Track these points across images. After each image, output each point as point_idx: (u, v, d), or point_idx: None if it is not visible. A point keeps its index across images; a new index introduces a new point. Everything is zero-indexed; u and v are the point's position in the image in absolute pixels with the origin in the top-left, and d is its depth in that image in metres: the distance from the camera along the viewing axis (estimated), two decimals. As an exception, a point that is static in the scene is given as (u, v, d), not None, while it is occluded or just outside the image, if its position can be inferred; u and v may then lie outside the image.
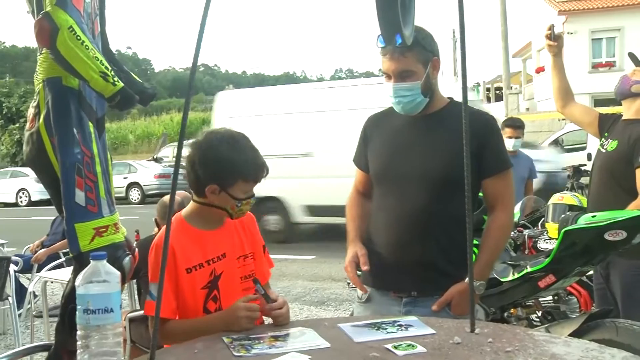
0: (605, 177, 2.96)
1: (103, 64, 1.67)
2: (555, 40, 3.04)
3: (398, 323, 1.70)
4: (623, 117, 3.00)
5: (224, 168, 1.83)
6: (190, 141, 1.94)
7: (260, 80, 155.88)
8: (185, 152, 1.89)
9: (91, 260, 1.30)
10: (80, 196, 1.68)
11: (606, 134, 3.05)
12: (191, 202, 1.96)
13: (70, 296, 1.71)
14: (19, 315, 5.56)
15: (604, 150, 3.00)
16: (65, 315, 1.76)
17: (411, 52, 2.06)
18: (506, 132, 5.11)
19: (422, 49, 2.08)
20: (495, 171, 2.16)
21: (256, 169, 1.88)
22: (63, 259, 5.68)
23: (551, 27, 3.03)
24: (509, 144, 5.06)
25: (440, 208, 2.10)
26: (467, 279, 2.05)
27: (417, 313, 1.97)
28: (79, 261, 1.70)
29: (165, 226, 1.42)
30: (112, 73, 1.69)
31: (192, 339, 1.68)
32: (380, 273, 2.18)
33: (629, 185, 2.81)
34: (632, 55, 3.03)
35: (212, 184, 1.85)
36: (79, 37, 1.63)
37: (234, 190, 1.86)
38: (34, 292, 5.57)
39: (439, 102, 2.21)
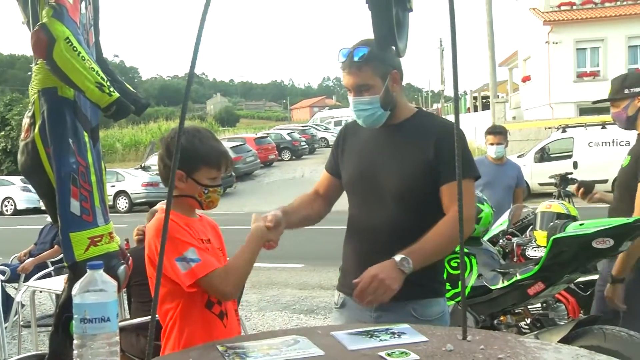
0: (622, 193, 2.96)
1: (99, 75, 1.68)
2: (586, 190, 3.35)
3: (391, 331, 1.71)
4: (637, 132, 3.00)
5: (187, 154, 1.91)
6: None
7: (247, 89, 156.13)
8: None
9: (88, 270, 1.31)
10: (75, 206, 1.68)
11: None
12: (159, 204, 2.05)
13: (65, 306, 1.70)
14: (5, 326, 5.51)
15: (621, 167, 3.01)
16: (59, 325, 1.74)
17: (368, 66, 2.07)
18: (488, 140, 5.15)
19: (380, 63, 2.07)
20: (449, 180, 2.06)
21: (218, 155, 2.01)
22: (51, 268, 5.64)
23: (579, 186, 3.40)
24: (492, 151, 5.10)
25: (404, 219, 2.11)
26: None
27: (388, 318, 2.03)
28: (74, 270, 1.70)
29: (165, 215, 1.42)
30: (108, 84, 1.70)
31: (248, 269, 1.91)
32: (350, 281, 2.20)
33: None
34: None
35: (177, 170, 1.93)
36: (75, 48, 1.63)
37: (198, 177, 1.98)
38: (21, 301, 5.52)
39: (404, 113, 2.20)
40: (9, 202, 21.23)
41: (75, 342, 1.29)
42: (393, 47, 1.41)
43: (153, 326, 1.38)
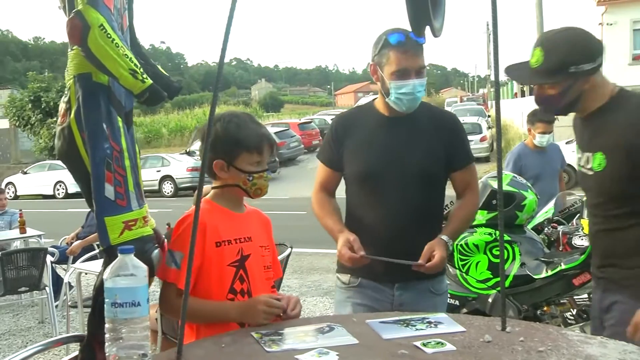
0: (610, 204, 2.52)
1: (132, 62, 1.71)
2: None
3: (427, 320, 1.68)
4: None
5: (225, 141, 1.87)
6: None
7: (292, 74, 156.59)
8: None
9: (118, 254, 1.31)
10: (109, 190, 1.71)
11: None
12: (211, 190, 1.99)
13: (100, 288, 1.74)
14: (56, 305, 5.70)
15: (587, 172, 2.20)
16: (95, 308, 1.79)
17: (422, 49, 2.19)
18: (538, 128, 4.81)
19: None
20: (464, 164, 2.32)
21: (257, 138, 1.91)
22: (97, 250, 5.79)
23: None
24: (543, 140, 4.84)
25: (424, 204, 2.25)
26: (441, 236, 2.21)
27: (409, 295, 2.25)
28: (109, 254, 1.72)
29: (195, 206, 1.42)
30: (141, 70, 1.74)
31: (203, 321, 1.81)
32: (368, 266, 2.19)
33: None
34: None
35: (217, 159, 1.89)
36: (109, 35, 1.67)
37: (239, 163, 1.89)
38: (69, 282, 5.70)
39: None
40: (60, 185, 21.91)
41: (106, 326, 1.30)
42: (428, 27, 1.36)
43: (185, 310, 1.38)
